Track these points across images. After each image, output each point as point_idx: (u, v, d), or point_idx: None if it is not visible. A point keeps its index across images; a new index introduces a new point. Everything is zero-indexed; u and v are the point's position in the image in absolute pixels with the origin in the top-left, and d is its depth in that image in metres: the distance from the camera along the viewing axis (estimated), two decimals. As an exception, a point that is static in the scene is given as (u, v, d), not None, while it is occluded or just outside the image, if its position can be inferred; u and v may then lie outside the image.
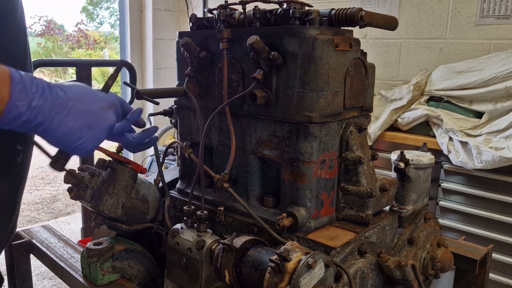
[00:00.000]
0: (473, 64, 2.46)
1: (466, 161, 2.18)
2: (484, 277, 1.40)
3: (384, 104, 2.71)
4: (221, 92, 1.18)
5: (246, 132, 1.19)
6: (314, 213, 1.11)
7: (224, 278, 0.95)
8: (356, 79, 1.14)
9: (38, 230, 1.52)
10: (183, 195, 1.36)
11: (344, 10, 1.08)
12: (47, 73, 12.81)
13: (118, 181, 1.19)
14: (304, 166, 1.07)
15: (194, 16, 1.31)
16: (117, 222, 1.23)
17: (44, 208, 5.23)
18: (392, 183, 1.23)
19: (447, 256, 1.29)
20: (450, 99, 2.46)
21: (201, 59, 1.22)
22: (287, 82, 1.07)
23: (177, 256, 1.09)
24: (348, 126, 1.14)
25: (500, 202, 2.19)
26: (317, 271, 0.85)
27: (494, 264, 2.17)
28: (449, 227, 2.36)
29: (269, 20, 1.16)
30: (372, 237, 1.13)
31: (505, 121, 2.19)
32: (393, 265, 1.05)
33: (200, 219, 1.07)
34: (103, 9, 15.68)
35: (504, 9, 2.59)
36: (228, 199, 1.24)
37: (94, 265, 1.17)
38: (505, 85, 2.24)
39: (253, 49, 1.04)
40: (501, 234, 2.21)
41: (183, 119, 1.36)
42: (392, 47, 3.09)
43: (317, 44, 1.03)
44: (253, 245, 0.97)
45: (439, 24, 2.86)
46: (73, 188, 1.16)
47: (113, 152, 1.22)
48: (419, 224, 1.30)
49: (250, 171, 1.19)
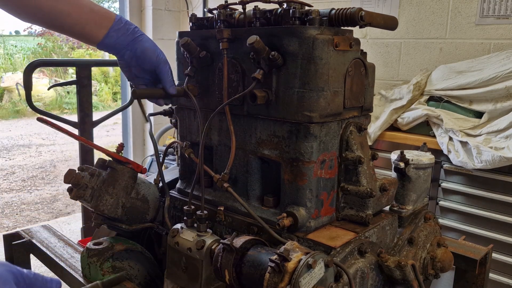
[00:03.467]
0: (473, 64, 2.46)
1: (466, 161, 2.18)
2: (484, 277, 1.40)
3: (384, 104, 2.71)
4: (221, 92, 1.18)
5: (246, 132, 1.19)
6: (314, 213, 1.11)
7: (224, 278, 0.95)
8: (356, 79, 1.14)
9: (38, 230, 1.52)
10: (183, 195, 1.36)
11: (344, 10, 1.08)
12: (47, 73, 12.82)
13: (118, 181, 1.19)
14: (304, 166, 1.07)
15: (194, 16, 1.31)
16: (117, 222, 1.24)
17: (44, 208, 5.23)
18: (392, 183, 1.23)
19: (447, 256, 1.29)
20: (450, 99, 2.47)
21: (201, 59, 1.22)
22: (287, 82, 1.07)
23: (177, 256, 1.09)
24: (348, 126, 1.14)
25: (500, 202, 2.19)
26: (317, 271, 0.85)
27: (494, 264, 2.17)
28: (449, 227, 2.37)
29: (269, 20, 1.16)
30: (372, 237, 1.13)
31: (505, 121, 2.19)
32: (393, 265, 1.05)
33: (200, 219, 1.07)
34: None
35: (504, 9, 2.59)
36: (228, 199, 1.24)
37: (94, 265, 1.17)
38: (505, 85, 2.24)
39: (253, 49, 1.04)
40: (501, 234, 2.21)
41: (183, 119, 1.36)
42: (392, 47, 3.09)
43: (317, 44, 1.03)
44: (253, 245, 0.97)
45: (439, 24, 2.86)
46: (73, 188, 1.16)
47: (113, 152, 1.22)
48: (419, 224, 1.30)
49: (250, 171, 1.19)
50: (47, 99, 11.57)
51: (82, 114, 3.01)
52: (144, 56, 1.19)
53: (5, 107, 11.42)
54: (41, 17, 1.13)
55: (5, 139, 8.84)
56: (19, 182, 6.20)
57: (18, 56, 13.80)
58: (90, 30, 1.16)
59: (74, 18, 1.13)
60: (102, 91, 12.63)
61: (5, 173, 6.58)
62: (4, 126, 10.12)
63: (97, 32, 1.16)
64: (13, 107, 11.37)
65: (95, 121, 3.10)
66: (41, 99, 11.32)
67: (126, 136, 4.77)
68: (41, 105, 10.64)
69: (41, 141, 8.76)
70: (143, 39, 1.20)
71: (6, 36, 17.51)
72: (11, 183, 6.16)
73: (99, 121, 3.13)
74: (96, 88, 12.34)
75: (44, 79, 12.11)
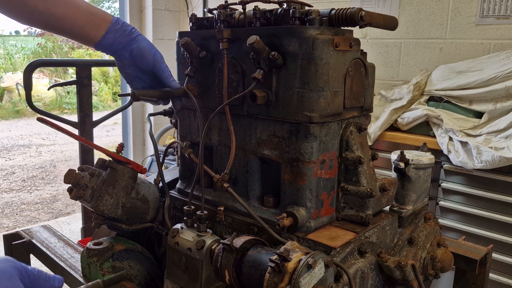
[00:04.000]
0: (473, 64, 2.46)
1: (466, 161, 2.18)
2: (484, 277, 1.40)
3: (384, 104, 2.71)
4: (221, 92, 1.18)
5: (246, 132, 1.19)
6: (314, 213, 1.11)
7: (224, 278, 0.95)
8: (356, 79, 1.14)
9: (38, 230, 1.52)
10: (183, 195, 1.36)
11: (344, 10, 1.08)
12: (47, 73, 12.83)
13: (118, 181, 1.19)
14: (304, 166, 1.07)
15: (194, 16, 1.31)
16: (117, 222, 1.24)
17: (44, 208, 5.23)
18: (392, 183, 1.23)
19: (447, 256, 1.29)
20: (450, 99, 2.47)
21: (201, 59, 1.22)
22: (287, 82, 1.07)
23: (177, 256, 1.09)
24: (348, 126, 1.14)
25: (500, 202, 2.19)
26: (317, 271, 0.85)
27: (494, 264, 2.17)
28: (449, 227, 2.37)
29: (269, 20, 1.16)
30: (372, 237, 1.13)
31: (505, 121, 2.19)
32: (393, 265, 1.05)
33: (200, 219, 1.07)
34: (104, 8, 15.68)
35: (504, 9, 2.59)
36: (228, 199, 1.24)
37: (94, 265, 1.17)
38: (505, 85, 2.24)
39: (253, 49, 1.04)
40: (501, 234, 2.21)
41: (183, 119, 1.36)
42: (392, 47, 3.09)
43: (317, 44, 1.03)
44: (253, 245, 0.97)
45: (439, 24, 2.86)
46: (73, 188, 1.16)
47: (113, 152, 1.22)
48: (419, 224, 1.30)
49: (250, 171, 1.19)
50: (47, 99, 11.58)
51: (82, 114, 3.01)
52: (141, 55, 1.20)
53: (5, 107, 11.42)
54: (38, 20, 1.15)
55: (5, 139, 8.85)
56: (19, 182, 6.20)
57: (18, 56, 13.81)
58: (88, 31, 1.18)
59: (72, 20, 1.15)
60: (102, 91, 12.63)
61: (5, 173, 6.58)
62: (4, 126, 10.12)
63: (95, 33, 1.18)
64: (13, 107, 11.37)
65: (95, 121, 3.10)
66: (41, 99, 11.33)
67: (126, 136, 4.77)
68: (41, 105, 10.64)
69: (41, 141, 8.76)
70: (140, 39, 1.21)
71: (6, 36, 17.54)
72: (11, 183, 6.16)
73: (99, 121, 3.14)
74: (96, 88, 12.34)
75: (44, 79, 12.11)
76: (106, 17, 1.20)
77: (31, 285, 0.78)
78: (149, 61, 1.21)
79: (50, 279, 0.82)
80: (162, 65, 1.23)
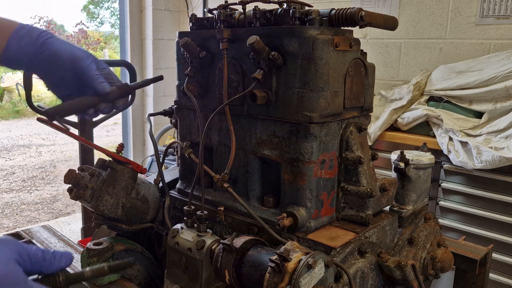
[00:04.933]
0: (473, 64, 2.46)
1: (466, 161, 2.18)
2: (484, 277, 1.40)
3: (384, 104, 2.71)
4: (221, 92, 1.18)
5: (246, 132, 1.19)
6: (314, 213, 1.11)
7: (224, 278, 0.95)
8: (356, 79, 1.14)
9: (38, 230, 1.52)
10: (183, 195, 1.36)
11: (344, 10, 1.08)
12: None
13: (118, 181, 1.19)
14: (304, 166, 1.07)
15: (194, 16, 1.31)
16: (117, 222, 1.24)
17: (44, 208, 5.23)
18: (392, 183, 1.23)
19: (447, 256, 1.29)
20: (450, 99, 2.47)
21: (201, 59, 1.22)
22: (287, 82, 1.07)
23: (177, 256, 1.09)
24: (348, 126, 1.14)
25: (500, 202, 2.19)
26: (317, 271, 0.85)
27: (494, 264, 2.17)
28: (449, 227, 2.36)
29: (269, 20, 1.16)
30: (372, 237, 1.13)
31: (505, 121, 2.19)
32: (393, 265, 1.05)
33: (200, 219, 1.07)
34: (104, 8, 15.68)
35: (504, 9, 2.59)
36: (228, 199, 1.24)
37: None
38: (505, 85, 2.24)
39: (253, 49, 1.04)
40: (501, 234, 2.21)
41: (183, 119, 1.36)
42: (392, 47, 3.09)
43: (317, 44, 1.03)
44: (253, 245, 0.97)
45: (439, 24, 2.86)
46: (73, 188, 1.16)
47: (113, 152, 1.22)
48: (419, 224, 1.30)
49: (250, 171, 1.19)
50: (47, 99, 11.57)
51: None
52: (54, 59, 0.99)
53: (5, 107, 11.42)
54: None
55: (5, 139, 8.85)
56: (19, 182, 6.20)
57: (18, 56, 13.80)
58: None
59: None
60: (102, 91, 12.62)
61: (5, 173, 6.58)
62: (4, 126, 10.12)
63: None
64: (13, 107, 11.37)
65: (95, 121, 3.09)
66: (41, 99, 11.32)
67: (126, 136, 4.77)
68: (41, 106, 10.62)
69: (41, 141, 8.76)
70: (50, 42, 1.00)
71: (6, 36, 17.49)
72: (11, 183, 6.16)
73: (99, 121, 3.13)
74: (96, 88, 12.33)
75: (44, 79, 12.11)
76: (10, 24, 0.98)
77: (33, 268, 0.73)
78: (66, 64, 1.00)
79: (56, 259, 0.76)
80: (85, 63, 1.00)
